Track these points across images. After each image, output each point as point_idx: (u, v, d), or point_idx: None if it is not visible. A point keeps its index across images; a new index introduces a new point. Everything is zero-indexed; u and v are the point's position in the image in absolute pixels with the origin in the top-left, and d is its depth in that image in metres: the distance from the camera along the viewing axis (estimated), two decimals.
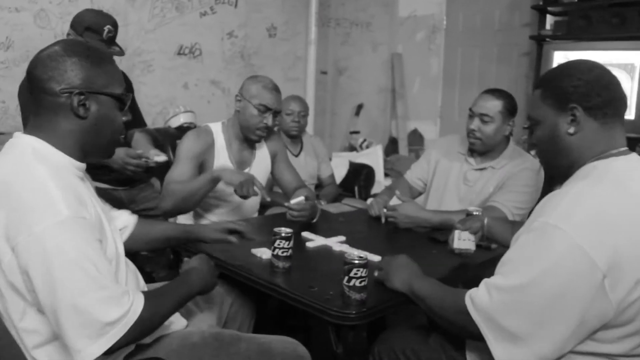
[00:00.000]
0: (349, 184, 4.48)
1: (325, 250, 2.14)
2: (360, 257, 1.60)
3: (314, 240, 2.21)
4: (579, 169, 1.36)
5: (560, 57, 4.42)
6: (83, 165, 1.45)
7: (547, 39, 4.68)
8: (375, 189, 4.65)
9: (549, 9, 4.71)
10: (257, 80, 2.62)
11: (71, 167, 1.40)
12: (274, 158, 2.82)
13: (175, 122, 4.42)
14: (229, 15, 4.89)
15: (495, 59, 5.54)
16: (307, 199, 2.46)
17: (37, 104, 1.37)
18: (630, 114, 4.05)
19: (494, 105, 2.54)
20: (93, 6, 3.97)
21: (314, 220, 2.50)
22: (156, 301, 1.38)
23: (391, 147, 5.96)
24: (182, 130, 4.34)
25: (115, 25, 2.85)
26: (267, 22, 5.17)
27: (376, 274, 1.74)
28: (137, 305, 1.30)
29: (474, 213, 2.22)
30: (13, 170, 1.30)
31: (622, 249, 1.18)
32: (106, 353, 1.27)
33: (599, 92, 1.33)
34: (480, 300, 1.30)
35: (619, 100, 1.36)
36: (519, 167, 2.56)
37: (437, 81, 5.97)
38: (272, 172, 2.84)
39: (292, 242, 1.84)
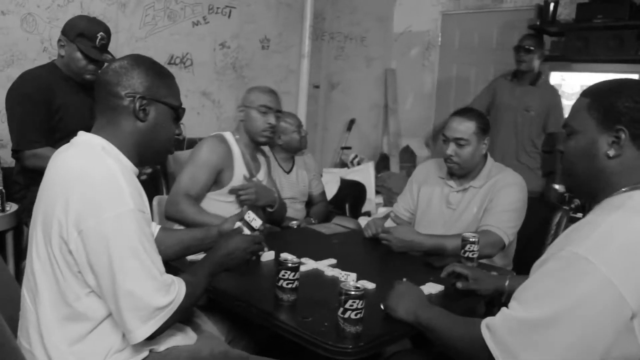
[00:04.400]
0: (339, 201, 4.39)
1: (317, 275, 2.04)
2: (357, 287, 1.50)
3: (305, 264, 2.11)
4: (610, 195, 1.27)
5: (556, 77, 4.38)
6: (137, 170, 1.56)
7: (544, 60, 4.63)
8: (367, 207, 4.57)
9: (546, 29, 4.68)
10: (254, 88, 2.75)
11: (131, 167, 1.53)
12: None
13: None
14: (222, 26, 4.81)
15: (492, 78, 5.48)
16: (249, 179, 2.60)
17: (104, 106, 1.53)
18: None
19: (467, 128, 2.49)
20: (83, 12, 3.88)
21: (273, 209, 2.66)
22: (193, 284, 1.51)
23: (382, 163, 5.89)
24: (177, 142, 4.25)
25: (108, 32, 2.81)
26: (260, 33, 5.09)
27: (382, 306, 1.66)
28: (181, 292, 1.44)
29: (470, 239, 2.15)
30: (88, 161, 1.44)
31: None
32: (151, 336, 1.40)
33: None
34: (499, 331, 1.22)
35: None
36: (502, 183, 2.50)
37: (431, 98, 5.92)
38: None
39: (298, 273, 1.73)
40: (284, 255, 1.77)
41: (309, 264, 2.12)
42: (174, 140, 1.65)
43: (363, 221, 3.74)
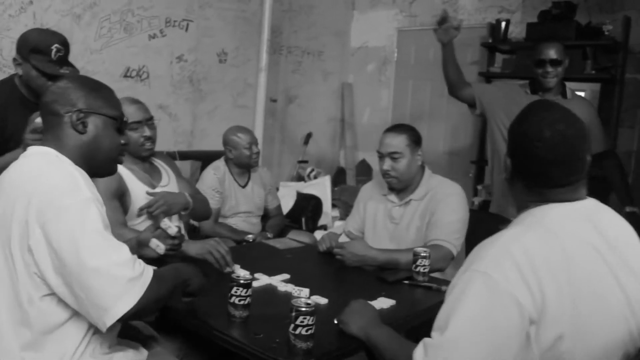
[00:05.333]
0: (296, 215, 4.41)
1: (270, 290, 2.05)
2: (308, 303, 1.52)
3: (259, 279, 2.12)
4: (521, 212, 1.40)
5: None
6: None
7: (495, 76, 4.76)
8: (323, 220, 4.60)
9: (498, 47, 4.81)
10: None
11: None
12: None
13: None
14: (179, 39, 4.80)
15: (446, 94, 5.55)
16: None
17: (48, 125, 1.60)
18: None
19: (399, 141, 2.57)
20: (36, 22, 3.84)
21: (188, 211, 2.55)
22: (161, 275, 1.51)
23: (339, 177, 5.93)
24: None
25: (64, 43, 2.59)
26: (217, 47, 5.10)
27: (336, 321, 1.69)
28: (149, 268, 1.47)
29: (422, 254, 2.20)
30: (45, 164, 1.51)
31: (547, 299, 1.18)
32: (127, 319, 1.41)
33: (550, 170, 1.35)
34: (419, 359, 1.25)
35: (574, 168, 1.36)
36: (441, 194, 2.58)
37: (387, 113, 6.00)
38: None
39: (251, 290, 1.73)
40: (237, 272, 1.78)
41: (262, 280, 2.13)
42: (121, 149, 1.69)
43: (319, 235, 3.76)
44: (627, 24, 4.24)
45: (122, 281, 1.38)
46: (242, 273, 1.77)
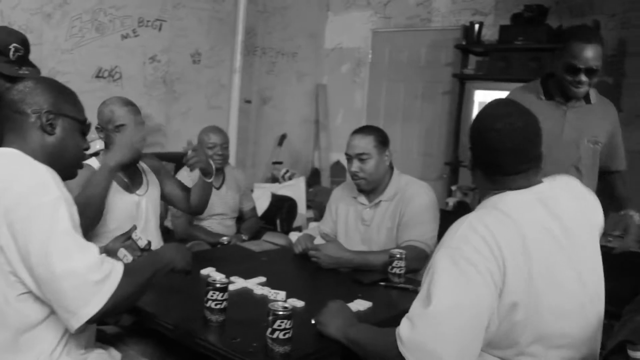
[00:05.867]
0: (271, 216, 4.40)
1: (246, 294, 2.04)
2: (285, 307, 1.52)
3: (234, 283, 2.11)
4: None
5: (480, 96, 4.54)
6: None
7: (469, 78, 4.80)
8: (298, 222, 4.59)
9: (471, 49, 4.85)
10: (105, 104, 2.52)
11: None
12: (158, 176, 2.68)
13: (90, 150, 4.20)
14: (152, 39, 4.75)
15: (420, 95, 5.64)
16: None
17: (11, 124, 1.56)
18: None
19: (366, 142, 2.58)
20: (4, 21, 3.75)
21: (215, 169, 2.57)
22: (133, 269, 1.52)
23: (314, 178, 5.93)
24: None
25: (24, 42, 2.49)
26: (191, 47, 5.05)
27: (313, 321, 1.70)
28: (118, 266, 1.45)
29: (397, 255, 2.21)
30: (10, 162, 1.50)
31: (508, 270, 1.33)
32: (97, 321, 1.42)
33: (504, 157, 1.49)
34: (405, 333, 1.35)
35: (525, 157, 1.50)
36: (410, 194, 2.60)
37: (361, 114, 6.01)
38: (162, 191, 2.67)
39: (227, 294, 1.72)
40: (213, 275, 1.76)
41: (238, 283, 2.11)
42: (84, 155, 1.71)
43: (294, 236, 3.76)
44: (597, 28, 4.30)
45: (89, 284, 1.37)
46: (218, 277, 1.76)
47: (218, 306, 1.70)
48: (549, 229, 1.42)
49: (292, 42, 5.98)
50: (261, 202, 4.42)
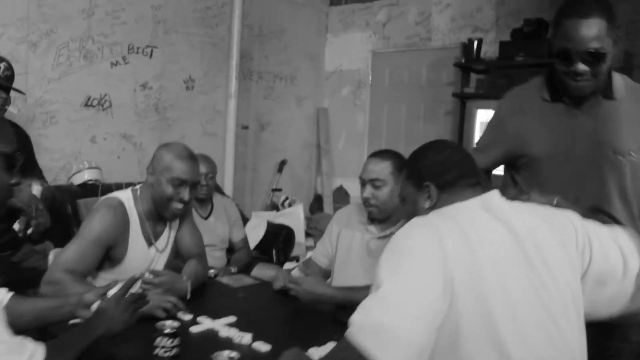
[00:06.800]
0: (266, 246, 4.22)
1: (211, 336, 1.85)
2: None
3: (201, 323, 1.93)
4: None
5: (482, 115, 4.35)
6: None
7: (469, 97, 4.63)
8: (296, 251, 4.41)
9: (472, 67, 4.69)
10: (170, 149, 2.30)
11: None
12: (181, 227, 2.50)
13: (78, 179, 4.09)
14: (143, 66, 4.64)
15: (422, 116, 5.48)
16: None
17: None
18: None
19: (382, 168, 2.35)
20: None
21: (187, 298, 2.18)
22: (57, 350, 1.38)
23: (316, 204, 5.76)
24: (85, 188, 4.03)
25: (11, 66, 2.52)
26: (184, 73, 4.93)
27: None
28: (39, 354, 1.32)
29: None
30: None
31: (456, 267, 1.25)
32: None
33: (448, 170, 1.47)
34: (356, 319, 1.24)
35: (468, 174, 1.49)
36: None
37: (363, 137, 5.86)
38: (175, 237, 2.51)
39: (178, 339, 1.56)
40: (163, 321, 1.59)
41: (204, 324, 1.93)
42: (9, 191, 1.53)
43: (289, 267, 3.57)
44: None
45: None
46: (168, 322, 1.58)
47: (167, 353, 1.54)
48: (493, 230, 1.35)
49: (290, 66, 5.85)
50: (257, 231, 4.25)
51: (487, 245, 1.31)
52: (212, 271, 3.13)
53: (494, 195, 1.45)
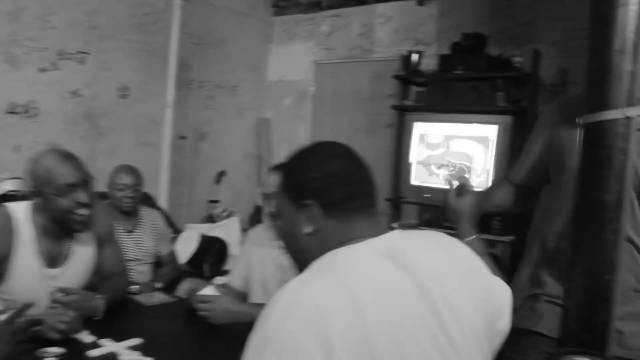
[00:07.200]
0: (198, 260, 4.08)
1: None
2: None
3: (103, 347, 1.80)
4: None
5: (420, 128, 4.32)
6: None
7: (408, 110, 4.60)
8: (229, 265, 4.28)
9: (412, 79, 4.67)
10: (39, 162, 2.07)
11: None
12: (101, 244, 2.33)
13: None
14: (74, 73, 4.45)
15: (365, 129, 5.44)
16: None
17: None
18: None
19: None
20: None
21: (99, 317, 2.06)
22: None
23: (256, 216, 5.62)
24: (6, 198, 3.82)
25: None
26: (118, 81, 4.76)
27: None
28: None
29: None
30: None
31: (335, 346, 0.94)
32: None
33: (336, 187, 1.15)
34: None
35: (362, 193, 1.18)
36: None
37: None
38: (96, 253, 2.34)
39: None
40: (46, 347, 1.46)
41: (106, 347, 1.81)
42: None
43: (221, 281, 3.45)
44: (537, 57, 4.16)
45: None
46: (51, 348, 1.46)
47: None
48: (396, 289, 1.05)
49: (232, 76, 5.74)
50: (188, 244, 4.11)
51: (384, 309, 1.01)
52: (134, 287, 2.98)
53: (397, 236, 1.16)
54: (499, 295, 1.19)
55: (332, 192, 1.15)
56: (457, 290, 1.10)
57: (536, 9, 4.47)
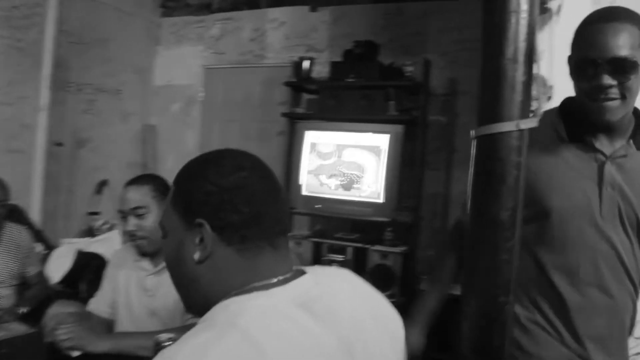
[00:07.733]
0: (73, 279, 3.75)
1: None
2: None
3: None
4: (213, 306, 0.92)
5: (310, 136, 4.21)
6: None
7: (299, 117, 4.48)
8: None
9: (303, 86, 4.56)
10: None
11: None
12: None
13: None
14: None
15: (256, 136, 5.28)
16: None
17: None
18: (379, 198, 3.91)
19: (143, 194, 2.12)
20: None
21: None
22: None
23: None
24: None
25: None
26: None
27: None
28: None
29: (165, 342, 1.71)
30: None
31: None
32: None
33: (237, 206, 0.94)
34: None
35: (270, 216, 0.97)
36: None
37: (194, 156, 5.51)
38: None
39: None
40: None
41: None
42: None
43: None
44: (428, 66, 4.16)
45: None
46: None
47: None
48: (315, 345, 0.88)
49: (115, 79, 5.39)
50: (62, 262, 3.77)
51: None
52: None
53: (310, 281, 0.98)
54: (399, 327, 1.08)
55: (230, 213, 0.94)
56: (376, 337, 0.98)
57: (427, 19, 4.50)
